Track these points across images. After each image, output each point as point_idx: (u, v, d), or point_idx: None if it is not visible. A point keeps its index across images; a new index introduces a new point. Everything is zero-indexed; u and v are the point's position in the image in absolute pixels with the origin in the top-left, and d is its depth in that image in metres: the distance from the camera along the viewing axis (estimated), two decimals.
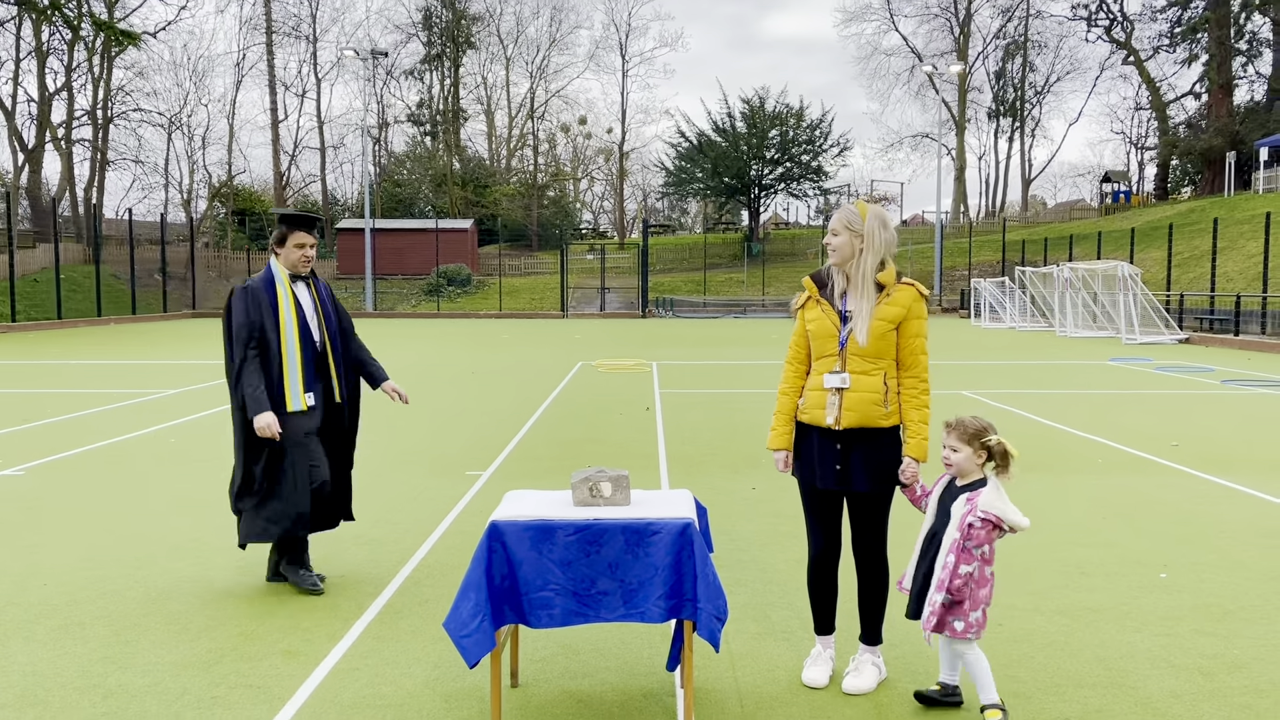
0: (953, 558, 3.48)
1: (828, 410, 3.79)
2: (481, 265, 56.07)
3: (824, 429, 3.82)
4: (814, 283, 3.96)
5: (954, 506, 3.53)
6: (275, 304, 5.02)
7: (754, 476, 7.95)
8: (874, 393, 3.76)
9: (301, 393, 4.97)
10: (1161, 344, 25.07)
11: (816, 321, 3.87)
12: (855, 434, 3.78)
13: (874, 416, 3.76)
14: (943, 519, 3.60)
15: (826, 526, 3.95)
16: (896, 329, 3.78)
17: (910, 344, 3.80)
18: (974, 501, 3.50)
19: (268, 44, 63.34)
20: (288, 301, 5.03)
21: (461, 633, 3.32)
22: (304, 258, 5.11)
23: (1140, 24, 61.05)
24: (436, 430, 10.56)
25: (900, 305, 3.77)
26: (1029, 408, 12.26)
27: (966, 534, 3.49)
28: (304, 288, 5.15)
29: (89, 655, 4.19)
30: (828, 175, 58.58)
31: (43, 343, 26.07)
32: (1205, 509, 6.88)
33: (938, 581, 3.51)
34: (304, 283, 5.16)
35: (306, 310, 5.10)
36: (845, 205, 3.88)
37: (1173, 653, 4.22)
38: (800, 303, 3.98)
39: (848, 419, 3.77)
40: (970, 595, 3.50)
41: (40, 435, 10.13)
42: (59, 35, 48.17)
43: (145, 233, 46.56)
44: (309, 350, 5.05)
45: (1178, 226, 36.25)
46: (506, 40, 71.04)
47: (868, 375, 3.77)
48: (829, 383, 3.80)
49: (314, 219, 5.19)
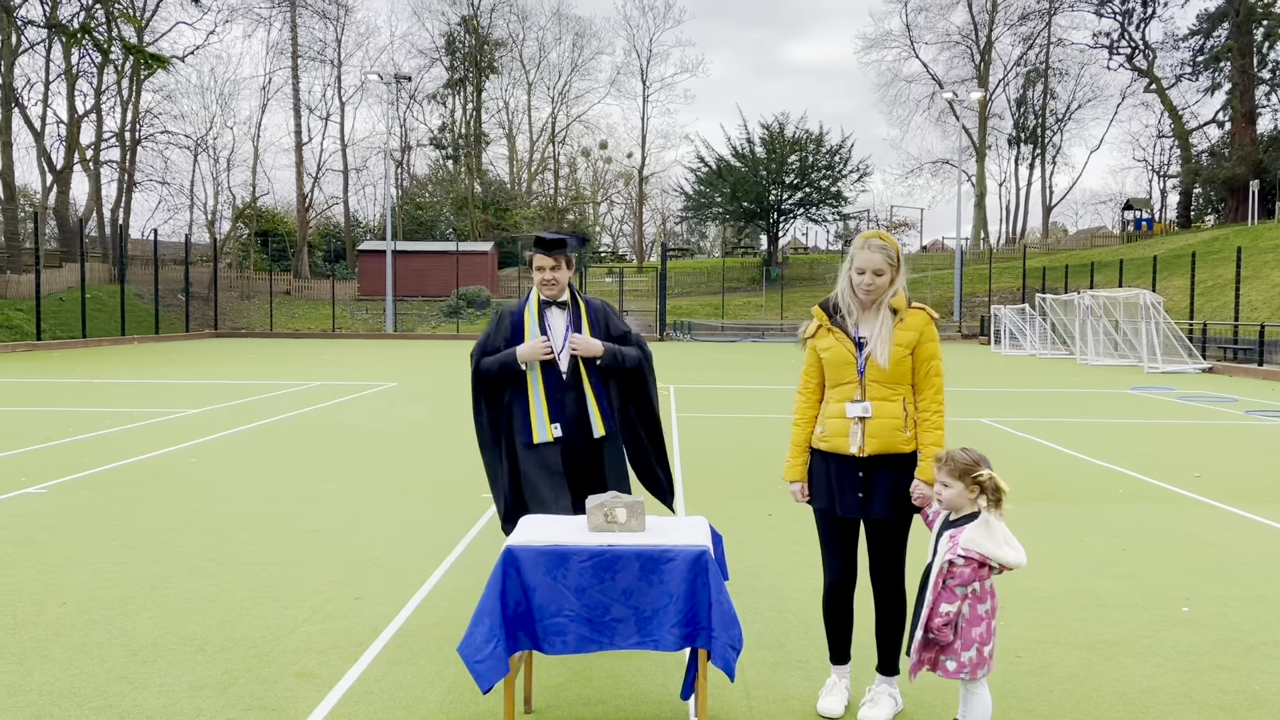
0: (931, 596, 3.42)
1: (851, 439, 3.77)
2: (501, 288, 56.33)
3: (845, 456, 3.81)
4: (823, 311, 3.94)
5: (940, 542, 3.48)
6: (519, 329, 4.77)
7: (771, 503, 7.92)
8: (895, 419, 3.75)
9: (547, 424, 4.65)
10: (1184, 373, 24.86)
11: (831, 350, 3.85)
12: (877, 460, 3.77)
13: (896, 443, 3.75)
14: (934, 554, 3.55)
15: (844, 554, 3.93)
16: (911, 353, 3.77)
17: (925, 367, 3.79)
18: (956, 539, 3.42)
19: (293, 68, 64.13)
20: (533, 327, 4.74)
21: (475, 658, 3.32)
22: (543, 280, 4.75)
23: (1162, 52, 61.03)
24: (453, 453, 10.58)
25: (914, 330, 3.77)
26: (1049, 436, 12.17)
27: (948, 572, 3.40)
28: (558, 313, 4.78)
29: (106, 675, 4.21)
30: (847, 200, 58.65)
31: (67, 361, 26.34)
32: (1228, 541, 6.79)
33: (921, 619, 3.46)
34: (559, 308, 4.79)
35: (554, 337, 4.74)
36: (876, 242, 3.77)
37: (1194, 688, 4.16)
38: (810, 332, 3.95)
39: (871, 446, 3.76)
40: (961, 634, 3.42)
41: (63, 454, 10.22)
42: (89, 58, 48.94)
43: (170, 253, 47.11)
44: (553, 379, 4.70)
45: (1201, 255, 36.02)
46: (529, 65, 71.75)
47: (888, 402, 3.76)
48: (851, 412, 3.77)
49: (554, 240, 4.77)
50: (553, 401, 4.68)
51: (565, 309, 4.79)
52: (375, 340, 44.24)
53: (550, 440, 4.65)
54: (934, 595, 3.41)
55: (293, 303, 53.31)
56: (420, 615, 5.07)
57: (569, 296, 4.82)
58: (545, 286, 4.76)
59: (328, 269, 63.35)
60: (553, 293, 4.77)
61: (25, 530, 6.83)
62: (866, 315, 3.82)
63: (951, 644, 3.41)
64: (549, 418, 4.66)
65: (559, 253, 4.75)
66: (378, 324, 49.30)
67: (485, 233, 64.40)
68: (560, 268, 4.74)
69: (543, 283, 4.75)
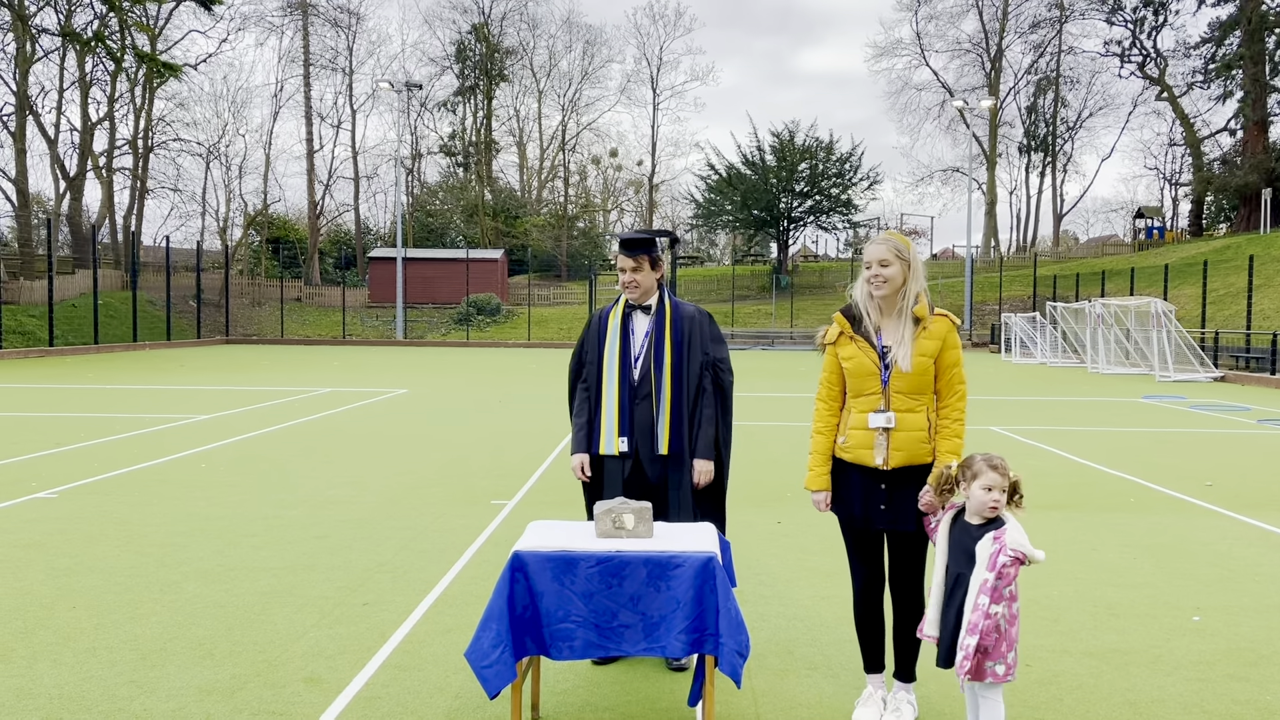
0: (985, 599, 3.40)
1: (875, 451, 3.72)
2: (511, 295, 56.45)
3: (869, 469, 3.76)
4: (846, 318, 3.84)
5: (979, 546, 3.46)
6: (604, 332, 4.59)
7: (780, 511, 7.90)
8: (920, 430, 3.70)
9: (616, 435, 4.47)
10: (1196, 382, 24.74)
11: (854, 359, 3.77)
12: (901, 472, 3.72)
13: (921, 454, 3.70)
14: (960, 559, 3.51)
15: (869, 562, 3.91)
16: (934, 361, 3.72)
17: (948, 374, 3.73)
18: (1002, 540, 3.43)
19: (305, 76, 64.49)
20: (615, 331, 4.55)
21: (483, 663, 3.32)
22: (625, 283, 4.54)
23: (1174, 60, 60.89)
24: (462, 458, 10.59)
25: (936, 338, 3.71)
26: (1060, 445, 12.12)
27: (1000, 574, 3.43)
28: (642, 318, 4.57)
29: (115, 679, 4.22)
30: (857, 208, 58.60)
31: (79, 367, 26.47)
32: (1240, 551, 6.75)
33: (970, 624, 3.40)
34: (643, 312, 4.57)
35: (634, 343, 4.52)
36: (882, 236, 3.77)
37: (1205, 698, 4.13)
38: (831, 338, 3.87)
39: (895, 459, 3.70)
40: (1005, 635, 3.44)
41: (73, 459, 10.27)
42: (102, 66, 49.31)
43: (182, 260, 47.34)
44: (626, 389, 4.49)
45: (1213, 263, 35.88)
46: (539, 73, 71.99)
47: (913, 413, 3.71)
48: (874, 423, 3.72)
49: (639, 240, 4.53)
50: (624, 413, 4.49)
51: (649, 313, 4.56)
52: (385, 347, 44.36)
53: (616, 454, 4.48)
54: (989, 598, 3.39)
55: (303, 309, 53.51)
56: (428, 621, 5.07)
57: (656, 300, 4.58)
58: (627, 290, 4.54)
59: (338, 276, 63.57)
60: (635, 296, 4.52)
61: (35, 535, 6.85)
62: (889, 323, 3.75)
63: (999, 647, 3.41)
64: (618, 430, 4.48)
65: (641, 253, 4.50)
66: (388, 331, 49.43)
67: (495, 240, 64.55)
68: (642, 269, 4.50)
69: (624, 285, 4.54)
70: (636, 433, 4.47)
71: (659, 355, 4.48)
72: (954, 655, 3.50)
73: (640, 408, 4.47)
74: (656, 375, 4.46)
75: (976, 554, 3.46)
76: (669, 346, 4.49)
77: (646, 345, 4.50)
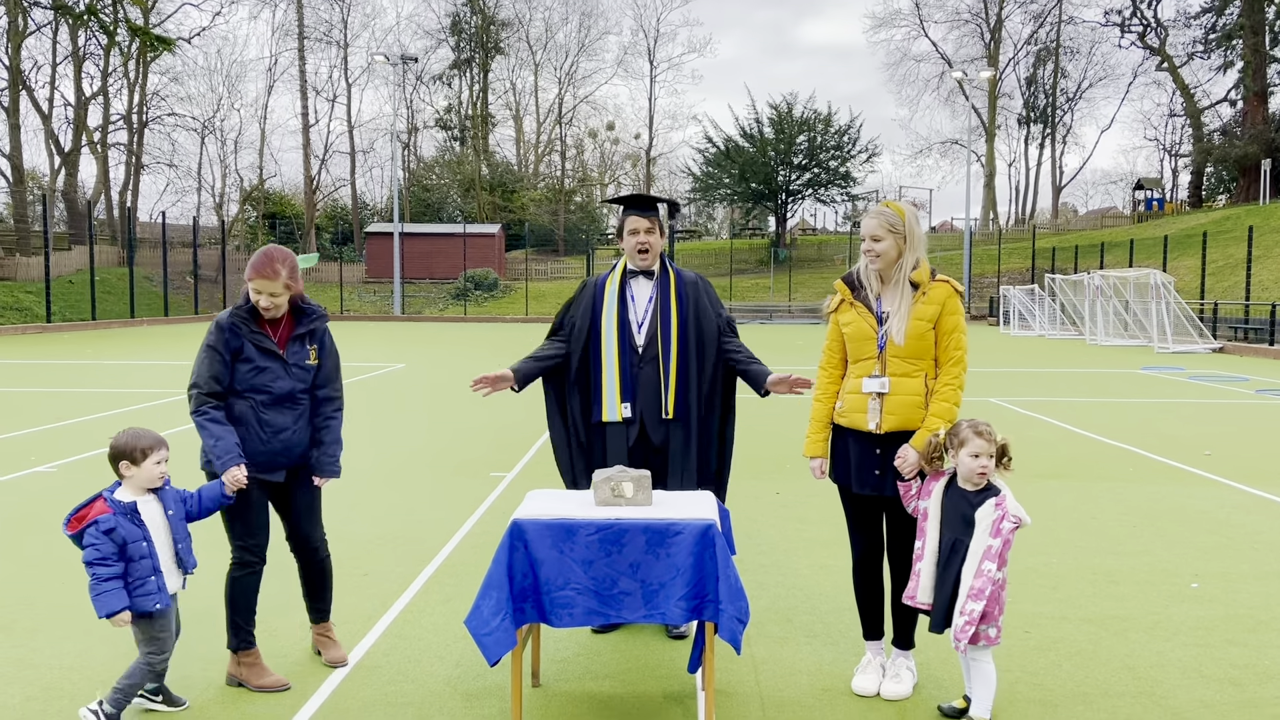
0: (991, 565, 3.42)
1: (869, 415, 3.72)
2: (508, 270, 56.30)
3: (863, 433, 3.76)
4: (846, 285, 3.88)
5: (980, 513, 3.46)
6: (600, 298, 4.45)
7: (778, 481, 7.91)
8: (915, 395, 3.69)
9: (618, 402, 4.35)
10: (1195, 353, 24.75)
11: (853, 325, 3.79)
12: (896, 437, 3.71)
13: (915, 420, 3.69)
14: (958, 526, 3.50)
15: (866, 530, 3.91)
16: (934, 327, 3.70)
17: (946, 340, 3.70)
18: (1004, 507, 3.45)
19: (299, 49, 63.99)
20: (613, 297, 4.41)
21: (483, 631, 3.32)
22: (637, 245, 4.37)
23: (1174, 30, 60.42)
24: (461, 431, 10.59)
25: (936, 303, 3.69)
26: (1059, 416, 12.13)
27: (1006, 540, 3.44)
28: (645, 283, 4.44)
29: (114, 650, 4.22)
30: (856, 181, 58.33)
31: (77, 343, 26.42)
32: (1238, 519, 6.77)
33: (974, 590, 3.41)
34: (645, 277, 4.44)
35: (634, 309, 4.42)
36: (877, 208, 3.77)
37: (1204, 663, 4.15)
38: (833, 306, 3.90)
39: (889, 423, 3.70)
40: (999, 600, 3.46)
41: (72, 433, 10.26)
42: (95, 40, 48.89)
43: (178, 236, 47.11)
44: (628, 354, 4.38)
45: (1212, 235, 35.78)
46: (535, 46, 71.38)
47: (909, 378, 3.70)
48: (868, 387, 3.72)
49: (649, 199, 4.40)
50: (626, 379, 4.38)
51: (652, 279, 4.44)
52: (383, 322, 44.30)
53: (619, 420, 4.37)
54: (995, 563, 3.41)
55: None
56: (428, 591, 5.08)
57: (660, 266, 4.46)
58: (639, 253, 4.37)
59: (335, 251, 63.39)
60: (647, 260, 4.38)
61: (34, 508, 6.86)
62: (889, 289, 3.75)
63: (993, 612, 3.43)
64: (620, 396, 4.36)
65: (654, 214, 4.37)
66: (385, 306, 49.35)
67: (492, 214, 64.31)
68: (655, 231, 4.36)
69: (637, 248, 4.36)
70: (642, 397, 4.37)
71: (665, 319, 4.38)
72: (950, 620, 3.51)
73: (645, 371, 4.37)
74: (664, 339, 4.36)
75: (976, 520, 3.47)
76: (674, 310, 4.40)
77: (651, 309, 4.41)
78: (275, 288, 3.80)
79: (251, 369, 3.84)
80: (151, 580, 3.45)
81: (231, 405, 3.85)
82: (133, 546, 3.42)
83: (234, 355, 3.83)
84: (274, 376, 3.87)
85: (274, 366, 3.87)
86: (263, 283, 3.79)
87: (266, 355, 3.86)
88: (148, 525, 3.49)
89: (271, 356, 3.87)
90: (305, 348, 3.95)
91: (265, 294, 3.81)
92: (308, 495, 4.11)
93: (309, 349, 3.97)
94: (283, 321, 3.94)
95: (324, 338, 4.05)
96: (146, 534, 3.47)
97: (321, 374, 4.03)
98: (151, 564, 3.46)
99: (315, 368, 4.00)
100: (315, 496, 4.15)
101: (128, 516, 3.45)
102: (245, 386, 3.85)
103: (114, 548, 3.38)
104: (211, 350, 3.81)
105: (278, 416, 3.88)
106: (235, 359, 3.84)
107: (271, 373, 3.87)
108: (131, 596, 3.41)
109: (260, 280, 3.80)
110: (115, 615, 3.37)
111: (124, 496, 3.51)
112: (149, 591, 3.43)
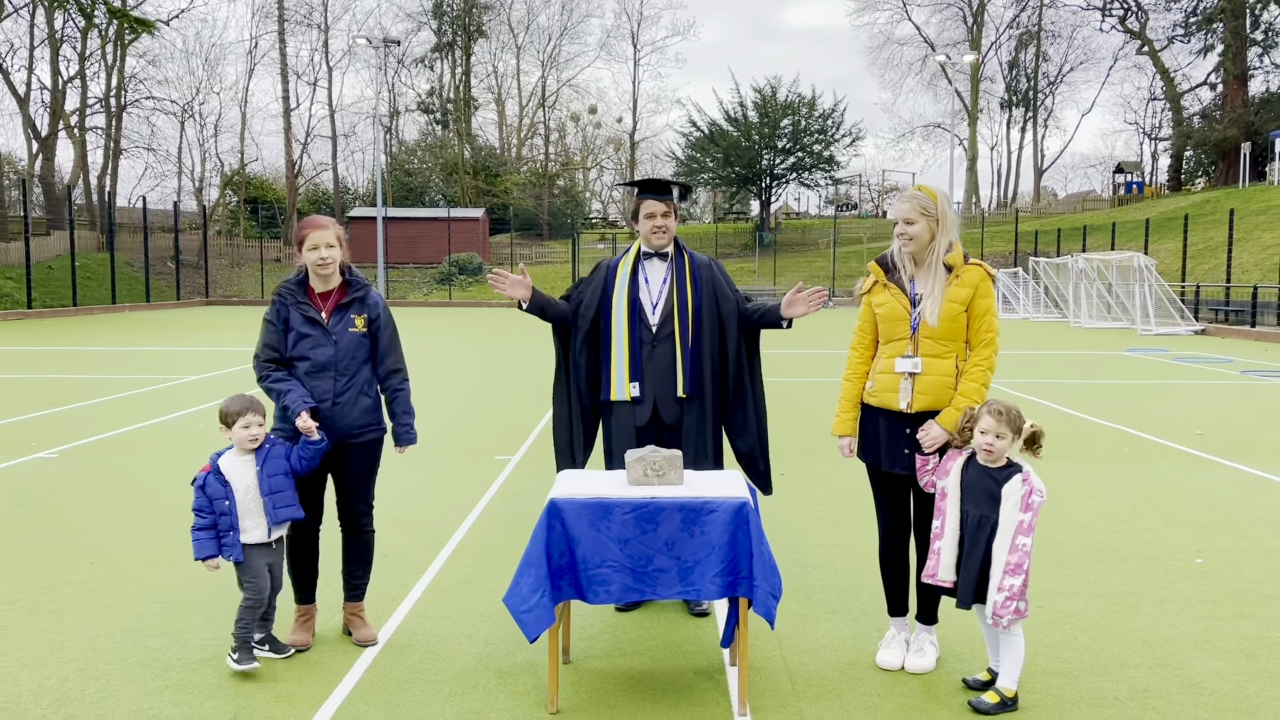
0: (1025, 539, 3.49)
1: (900, 394, 3.79)
2: (493, 254, 56.13)
3: (894, 412, 3.83)
4: (880, 267, 3.95)
5: (1007, 489, 3.53)
6: (612, 280, 4.51)
7: (782, 463, 7.99)
8: (946, 376, 3.76)
9: (626, 381, 4.41)
10: (1178, 335, 25.02)
11: (886, 305, 3.86)
12: (926, 417, 3.78)
13: (945, 400, 3.76)
14: (983, 503, 3.57)
15: (895, 508, 3.98)
16: (966, 309, 3.77)
17: (979, 323, 3.78)
18: (1031, 482, 3.52)
19: (280, 32, 63.33)
20: (625, 279, 4.47)
21: (522, 608, 3.37)
22: (654, 228, 4.43)
23: (1155, 14, 60.68)
24: (459, 416, 10.62)
25: (969, 286, 3.77)
26: (1049, 397, 12.27)
27: (1035, 514, 3.52)
28: (659, 264, 4.50)
29: (145, 630, 4.26)
30: (839, 165, 58.43)
31: (60, 330, 26.21)
32: (1235, 496, 6.90)
33: (1012, 565, 3.47)
34: (659, 259, 4.51)
35: (648, 290, 4.47)
36: (910, 191, 3.83)
37: (1215, 635, 4.25)
38: (866, 287, 3.97)
39: (920, 402, 3.77)
40: (1027, 573, 3.54)
41: (67, 419, 10.22)
42: (72, 23, 48.26)
43: (158, 221, 46.72)
44: (640, 332, 4.43)
45: (1192, 218, 36.09)
46: (517, 29, 70.96)
47: (941, 359, 3.77)
48: (900, 367, 3.79)
49: (664, 183, 4.47)
50: (635, 359, 4.43)
51: (666, 260, 4.51)
52: None
53: (628, 399, 4.44)
54: (1027, 538, 3.48)
55: (284, 270, 52.99)
56: (448, 572, 5.12)
57: (673, 248, 4.54)
58: (656, 235, 4.44)
59: None
60: (663, 241, 4.46)
61: (41, 494, 6.85)
62: (922, 272, 3.83)
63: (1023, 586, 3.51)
64: (628, 375, 4.43)
65: (669, 197, 4.45)
66: None
67: (476, 199, 64.04)
68: (670, 214, 4.44)
69: (654, 230, 4.43)
70: (654, 376, 4.42)
71: (681, 299, 4.44)
72: (977, 596, 3.58)
73: (659, 350, 4.42)
74: (680, 317, 4.42)
75: (1003, 497, 3.53)
76: (690, 291, 4.46)
77: (666, 290, 4.46)
78: (329, 238, 4.02)
79: (296, 336, 4.06)
80: (231, 535, 3.83)
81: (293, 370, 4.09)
82: (217, 503, 3.83)
83: (285, 325, 4.07)
84: (314, 344, 4.06)
85: (316, 334, 4.07)
86: (318, 234, 4.01)
87: (310, 324, 4.06)
88: (232, 485, 3.85)
89: (314, 324, 4.07)
90: (350, 317, 4.10)
91: (322, 245, 4.01)
92: (355, 468, 4.21)
93: (354, 318, 4.11)
94: (333, 294, 4.11)
95: (377, 309, 4.20)
96: (229, 493, 3.83)
97: (380, 346, 4.20)
98: (230, 521, 3.83)
99: (366, 339, 4.15)
100: (364, 471, 4.25)
101: (217, 475, 3.84)
102: (295, 354, 4.07)
103: (206, 500, 3.83)
104: (267, 322, 4.09)
105: (319, 384, 4.06)
106: (286, 329, 4.07)
107: (313, 340, 4.06)
108: (220, 546, 3.82)
109: (314, 232, 4.01)
110: (205, 561, 3.82)
111: (226, 457, 3.91)
112: (229, 544, 3.83)
